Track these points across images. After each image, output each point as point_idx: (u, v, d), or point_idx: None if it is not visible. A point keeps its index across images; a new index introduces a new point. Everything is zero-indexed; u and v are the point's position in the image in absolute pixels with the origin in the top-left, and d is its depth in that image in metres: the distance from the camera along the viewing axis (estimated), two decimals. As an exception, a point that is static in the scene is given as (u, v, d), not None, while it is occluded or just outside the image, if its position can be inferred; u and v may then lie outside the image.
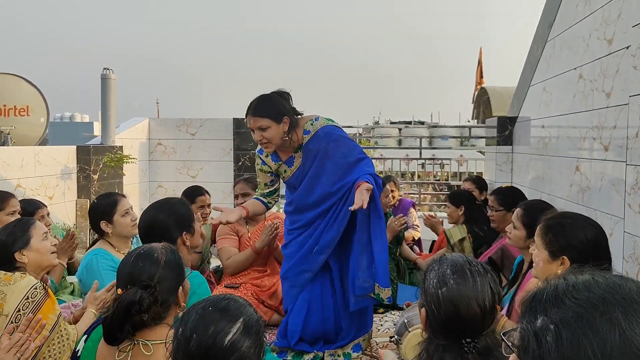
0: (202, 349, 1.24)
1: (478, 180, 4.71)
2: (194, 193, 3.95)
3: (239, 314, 1.30)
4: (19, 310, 1.96)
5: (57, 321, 2.01)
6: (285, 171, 2.96)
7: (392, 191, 4.53)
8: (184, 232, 2.31)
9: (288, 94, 2.86)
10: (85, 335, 1.76)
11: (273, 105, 2.75)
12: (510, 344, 0.78)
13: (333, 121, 2.96)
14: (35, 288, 2.03)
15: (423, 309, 1.39)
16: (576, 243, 1.87)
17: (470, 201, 4.11)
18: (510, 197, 3.48)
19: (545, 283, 0.76)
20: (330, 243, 2.87)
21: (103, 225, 2.72)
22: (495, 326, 1.36)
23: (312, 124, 2.87)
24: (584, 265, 1.05)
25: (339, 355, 3.02)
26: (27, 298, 1.99)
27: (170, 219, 2.32)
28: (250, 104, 2.77)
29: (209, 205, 4.03)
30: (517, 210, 2.68)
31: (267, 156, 2.95)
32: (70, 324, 2.17)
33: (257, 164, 3.02)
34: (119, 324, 1.57)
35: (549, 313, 0.69)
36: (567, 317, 0.67)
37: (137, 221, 2.85)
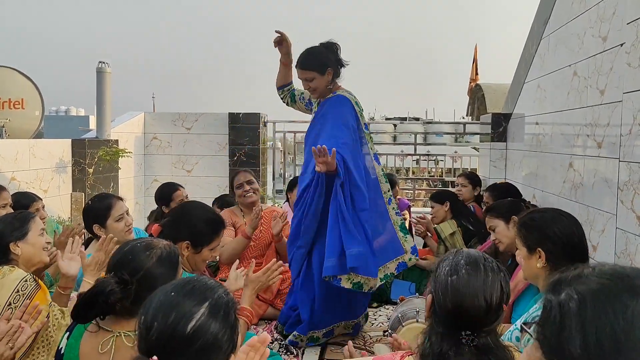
0: (163, 339, 1.13)
1: (472, 176, 4.73)
2: (171, 190, 3.92)
3: (205, 296, 1.19)
4: (10, 304, 1.93)
5: (49, 311, 1.99)
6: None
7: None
8: (188, 243, 2.38)
9: (335, 45, 3.16)
10: (68, 333, 1.72)
11: (317, 59, 3.11)
12: (529, 330, 0.84)
13: (352, 95, 3.19)
14: (26, 281, 2.00)
15: (430, 295, 1.40)
16: (550, 233, 1.91)
17: (453, 196, 4.16)
18: (504, 193, 3.51)
19: (567, 271, 0.82)
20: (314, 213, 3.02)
21: (96, 229, 2.67)
22: (498, 326, 1.35)
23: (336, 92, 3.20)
24: (566, 266, 1.13)
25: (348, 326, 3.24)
26: (18, 291, 1.96)
27: (194, 220, 2.41)
28: (299, 57, 3.13)
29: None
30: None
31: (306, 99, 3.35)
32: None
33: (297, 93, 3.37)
34: (86, 308, 1.55)
35: (574, 286, 0.76)
36: (591, 288, 0.73)
37: (132, 227, 2.79)
